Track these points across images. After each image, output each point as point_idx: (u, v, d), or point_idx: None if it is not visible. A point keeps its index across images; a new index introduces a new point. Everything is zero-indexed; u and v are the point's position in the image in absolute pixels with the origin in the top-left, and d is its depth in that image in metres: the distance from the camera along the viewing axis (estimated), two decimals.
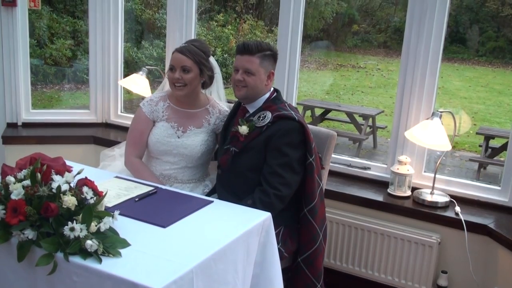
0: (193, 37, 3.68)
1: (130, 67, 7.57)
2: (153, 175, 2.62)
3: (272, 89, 2.53)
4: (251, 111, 2.49)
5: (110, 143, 3.49)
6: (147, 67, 3.74)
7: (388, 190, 3.05)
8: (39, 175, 1.73)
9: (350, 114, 6.95)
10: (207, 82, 2.69)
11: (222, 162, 2.50)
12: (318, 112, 7.43)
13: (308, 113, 7.30)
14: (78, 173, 1.86)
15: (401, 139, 3.08)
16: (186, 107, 2.69)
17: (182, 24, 3.65)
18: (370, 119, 6.74)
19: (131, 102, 6.15)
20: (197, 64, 2.58)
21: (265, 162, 2.38)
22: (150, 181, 2.47)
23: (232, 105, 2.78)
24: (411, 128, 2.93)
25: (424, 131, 2.79)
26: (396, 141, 3.12)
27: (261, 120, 2.42)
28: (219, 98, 2.86)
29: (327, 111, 7.35)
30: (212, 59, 2.70)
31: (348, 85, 9.87)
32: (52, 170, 1.77)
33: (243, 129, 2.41)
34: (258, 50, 2.40)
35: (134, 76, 3.68)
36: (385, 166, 3.22)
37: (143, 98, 3.43)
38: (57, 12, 7.91)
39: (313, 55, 10.91)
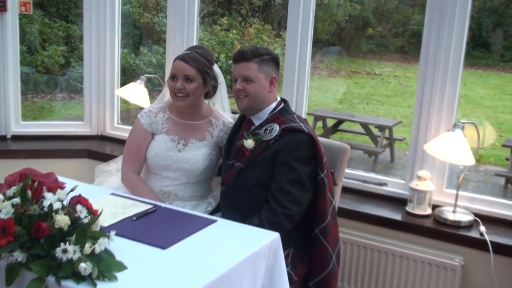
0: (195, 42, 3.71)
1: (127, 75, 7.62)
2: (152, 192, 2.63)
3: (278, 99, 2.54)
4: (256, 123, 2.50)
5: (105, 157, 3.51)
6: (145, 75, 3.77)
7: (407, 208, 3.04)
8: (29, 192, 1.74)
9: (365, 125, 6.94)
10: (211, 92, 2.71)
11: (226, 178, 2.50)
12: (330, 123, 7.43)
13: (319, 124, 7.30)
14: (72, 190, 1.87)
15: (420, 153, 3.08)
16: (188, 119, 2.70)
17: (184, 28, 3.68)
18: (387, 131, 6.74)
19: (128, 112, 6.17)
20: (201, 73, 2.59)
21: (273, 178, 2.38)
22: (148, 198, 2.47)
23: (237, 116, 2.80)
24: (431, 140, 2.93)
25: (444, 144, 2.78)
26: (415, 154, 3.11)
27: (268, 133, 2.42)
28: (223, 109, 2.87)
29: (340, 121, 7.35)
30: (215, 67, 2.72)
31: (363, 93, 9.88)
32: (44, 187, 1.77)
33: (249, 143, 2.42)
34: (254, 55, 2.43)
35: (131, 85, 3.70)
36: (403, 182, 3.21)
37: (141, 108, 3.45)
38: (49, 17, 7.98)
39: (324, 61, 10.94)
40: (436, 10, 2.95)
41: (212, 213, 2.62)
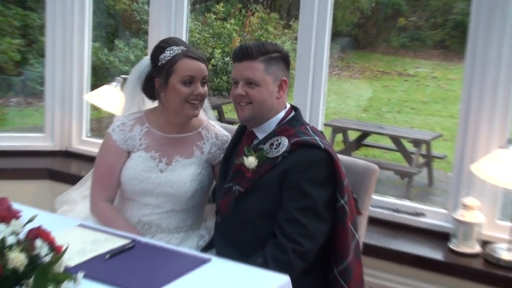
0: (184, 34, 3.74)
1: (99, 75, 7.66)
2: (128, 224, 2.64)
3: (288, 106, 2.55)
4: (260, 136, 2.51)
5: (71, 179, 3.50)
6: (122, 76, 3.78)
7: (450, 245, 3.04)
8: None
9: (396, 139, 6.95)
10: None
11: (222, 206, 2.50)
12: (352, 136, 7.44)
13: (339, 137, 7.31)
14: (30, 220, 1.87)
15: (466, 175, 3.08)
16: (174, 131, 2.72)
17: (170, 17, 3.72)
18: (424, 146, 6.74)
19: (100, 122, 6.19)
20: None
21: (281, 206, 2.38)
22: (125, 231, 2.47)
23: (234, 127, 2.80)
24: (480, 159, 2.93)
25: (497, 164, 2.78)
26: (460, 177, 3.11)
27: (275, 148, 2.43)
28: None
29: (365, 134, 7.36)
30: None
31: (393, 99, 9.90)
32: None
33: (251, 161, 2.42)
34: (261, 53, 2.43)
35: (104, 88, 3.72)
36: (445, 211, 3.22)
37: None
38: (2, 2, 8.02)
39: (345, 59, 10.99)
40: None
41: (204, 249, 2.62)
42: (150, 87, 2.73)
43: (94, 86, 4.02)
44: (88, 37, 4.06)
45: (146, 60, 2.78)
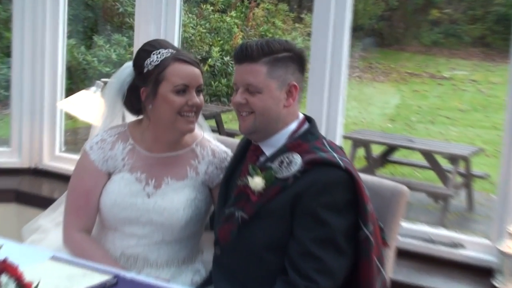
0: (176, 29, 3.77)
1: (75, 78, 7.69)
2: (109, 257, 2.64)
3: (301, 117, 2.55)
4: (268, 152, 2.50)
5: (41, 202, 3.52)
6: (103, 80, 3.78)
7: (494, 282, 3.02)
8: None
9: (428, 155, 6.95)
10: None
11: (222, 235, 2.50)
12: (376, 150, 7.44)
13: (361, 152, 7.32)
14: None
15: None
16: (164, 150, 2.72)
17: (161, 9, 3.74)
18: (462, 163, 6.74)
19: (76, 134, 6.20)
20: None
21: (292, 236, 2.38)
22: (105, 264, 2.47)
23: (235, 141, 2.81)
24: None
25: None
26: (506, 200, 3.11)
27: (285, 167, 2.42)
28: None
29: (392, 149, 7.38)
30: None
31: (425, 106, 9.91)
32: None
33: (257, 182, 2.42)
34: (263, 53, 2.43)
35: (82, 94, 3.72)
36: (488, 242, 3.21)
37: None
38: None
39: (367, 58, 11.01)
40: None
41: (201, 286, 2.62)
42: (134, 99, 2.70)
43: (69, 91, 4.03)
44: (63, 33, 4.09)
45: (128, 68, 2.76)
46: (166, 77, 2.58)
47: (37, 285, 1.85)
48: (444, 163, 6.93)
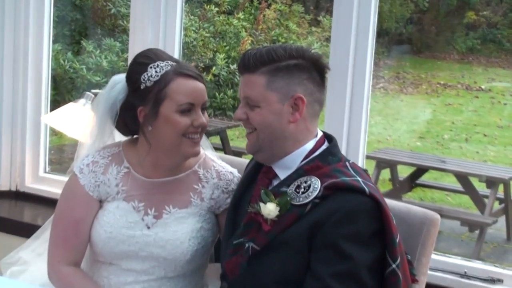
0: (177, 32, 3.78)
1: (60, 88, 7.70)
2: None
3: (319, 134, 2.56)
4: (282, 176, 2.51)
5: (22, 229, 3.53)
6: (93, 91, 3.79)
7: None
8: None
9: (463, 177, 6.96)
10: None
11: (230, 269, 2.50)
12: (403, 172, 7.44)
13: (385, 174, 7.33)
14: None
15: None
16: (163, 174, 2.71)
17: (159, 10, 3.76)
18: (501, 187, 6.73)
19: (61, 152, 6.19)
20: None
21: (310, 271, 2.38)
22: None
23: (244, 161, 2.82)
24: None
25: None
26: None
27: (303, 193, 2.42)
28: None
29: (421, 170, 7.38)
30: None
31: (460, 122, 9.92)
32: None
33: (270, 209, 2.42)
34: (261, 63, 2.44)
35: (70, 107, 3.73)
36: None
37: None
38: None
39: (393, 67, 11.02)
40: None
41: None
42: (129, 119, 2.68)
43: (55, 103, 4.06)
44: (48, 37, 4.11)
45: (120, 83, 2.73)
46: (169, 95, 2.56)
47: None
48: (481, 187, 6.92)
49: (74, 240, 2.69)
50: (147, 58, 2.65)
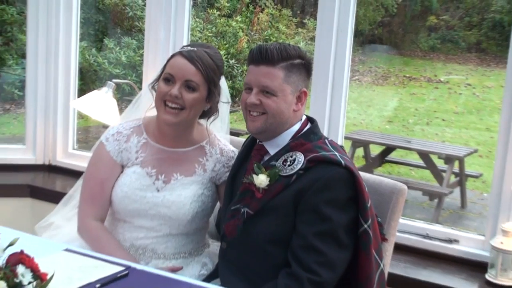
0: (185, 33, 3.75)
1: (86, 79, 7.67)
2: (121, 247, 2.65)
3: (304, 118, 2.56)
4: (272, 152, 2.51)
5: (55, 197, 3.51)
6: (114, 80, 3.78)
7: (487, 276, 3.03)
8: None
9: (425, 155, 6.95)
10: (212, 111, 2.72)
11: (228, 230, 2.50)
12: (375, 150, 7.43)
13: (359, 152, 7.31)
14: (11, 244, 1.87)
15: (506, 197, 3.08)
16: (172, 144, 2.72)
17: (170, 14, 3.73)
18: (457, 163, 6.74)
19: (87, 132, 6.18)
20: (207, 83, 2.61)
21: (295, 231, 2.38)
22: (117, 256, 2.48)
23: (241, 140, 2.81)
24: None
25: None
26: (500, 199, 3.11)
27: (289, 165, 2.43)
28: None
29: (390, 149, 7.37)
30: (223, 79, 2.75)
31: (422, 109, 9.90)
32: None
33: (261, 179, 2.42)
34: (282, 58, 2.43)
35: (94, 94, 3.72)
36: (481, 238, 3.21)
37: (105, 127, 3.45)
38: None
39: (367, 63, 10.99)
40: None
41: (208, 279, 2.62)
42: None
43: (81, 91, 4.04)
44: (76, 35, 4.08)
45: None
46: (165, 68, 2.63)
47: (52, 276, 1.85)
48: (439, 163, 6.92)
49: (100, 198, 2.70)
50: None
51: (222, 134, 2.90)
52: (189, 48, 2.65)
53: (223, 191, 2.69)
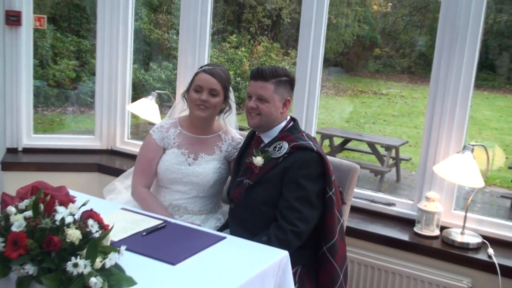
0: (206, 59, 3.73)
1: (136, 90, 7.65)
2: (161, 207, 2.64)
3: (288, 117, 2.55)
4: (266, 141, 2.51)
5: (115, 172, 3.52)
6: (156, 91, 3.78)
7: (415, 229, 3.02)
8: (42, 206, 1.73)
9: (371, 144, 6.94)
10: (226, 109, 2.76)
11: (235, 195, 2.50)
12: (337, 141, 7.42)
13: (326, 142, 7.30)
14: (83, 204, 1.86)
15: (429, 174, 3.06)
16: (199, 133, 2.74)
17: (196, 45, 3.70)
18: (393, 150, 6.73)
19: (137, 127, 6.17)
20: (224, 90, 2.66)
21: (281, 196, 2.38)
22: (158, 213, 2.48)
23: (245, 133, 2.80)
24: (440, 162, 2.92)
25: (454, 166, 2.77)
26: (424, 175, 3.10)
27: (277, 150, 2.42)
28: (230, 126, 2.90)
29: (347, 140, 7.35)
30: (231, 91, 2.78)
31: (369, 113, 9.88)
32: (56, 200, 1.76)
33: (258, 160, 2.42)
34: (272, 76, 2.43)
35: (143, 101, 3.72)
36: (411, 202, 3.19)
37: (150, 123, 3.45)
38: (61, 31, 8.04)
39: (331, 80, 10.96)
40: (447, 34, 2.94)
41: (221, 229, 2.61)
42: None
43: (133, 99, 4.02)
44: (130, 60, 4.05)
45: None
46: (193, 81, 2.67)
47: (112, 226, 1.83)
48: (382, 151, 6.91)
49: (147, 171, 2.71)
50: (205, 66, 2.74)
51: (233, 127, 2.91)
52: (208, 66, 2.68)
53: (233, 165, 2.70)
